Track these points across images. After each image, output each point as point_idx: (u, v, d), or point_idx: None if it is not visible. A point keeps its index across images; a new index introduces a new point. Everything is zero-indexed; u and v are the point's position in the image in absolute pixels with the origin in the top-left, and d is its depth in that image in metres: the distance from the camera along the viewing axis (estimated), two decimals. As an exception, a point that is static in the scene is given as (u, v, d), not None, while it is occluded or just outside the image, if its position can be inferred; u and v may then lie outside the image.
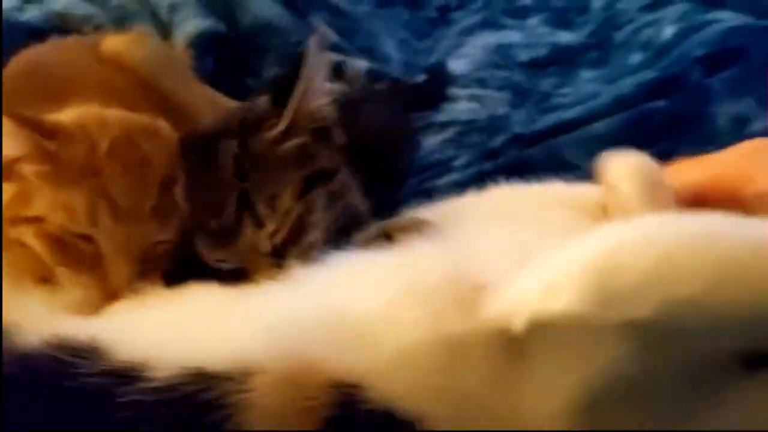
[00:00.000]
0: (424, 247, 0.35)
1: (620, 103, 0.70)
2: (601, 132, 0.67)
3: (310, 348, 0.29)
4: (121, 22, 0.87)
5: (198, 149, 0.37)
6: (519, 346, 0.29)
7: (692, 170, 0.40)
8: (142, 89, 0.64)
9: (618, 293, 0.27)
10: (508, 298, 0.29)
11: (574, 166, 0.65)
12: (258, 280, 0.37)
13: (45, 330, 0.32)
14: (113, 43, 0.66)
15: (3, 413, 0.28)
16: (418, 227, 0.38)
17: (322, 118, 0.40)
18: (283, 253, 0.37)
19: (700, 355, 0.29)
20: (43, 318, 0.34)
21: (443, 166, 0.72)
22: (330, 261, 0.36)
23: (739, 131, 0.65)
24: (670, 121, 0.67)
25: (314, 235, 0.38)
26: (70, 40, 0.71)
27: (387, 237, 0.39)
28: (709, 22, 0.84)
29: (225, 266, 0.38)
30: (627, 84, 0.75)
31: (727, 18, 0.86)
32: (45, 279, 0.40)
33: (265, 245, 0.36)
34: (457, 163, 0.72)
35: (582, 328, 0.28)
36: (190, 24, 0.84)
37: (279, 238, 0.35)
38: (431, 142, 0.77)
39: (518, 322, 0.28)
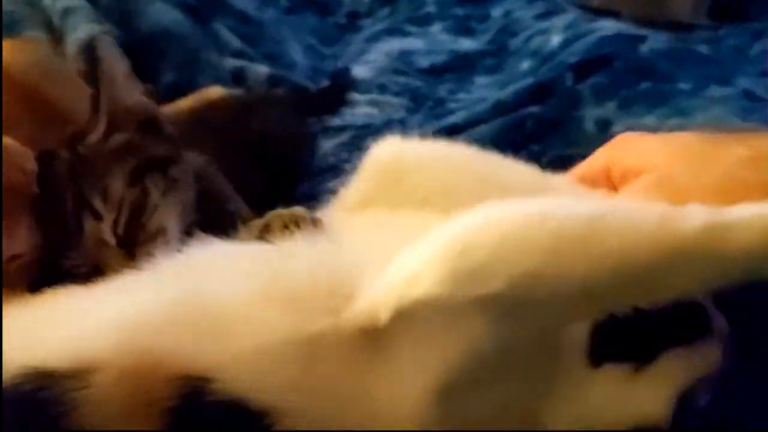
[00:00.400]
0: (298, 245, 0.36)
1: (499, 109, 0.75)
2: (481, 135, 0.71)
3: (157, 342, 0.29)
4: (10, 28, 0.85)
5: (42, 165, 0.38)
6: (381, 338, 0.30)
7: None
8: (27, 98, 0.63)
9: (470, 272, 0.29)
10: (372, 294, 0.31)
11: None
12: (114, 274, 0.37)
13: None
14: (-7, 50, 0.64)
15: None
16: (299, 222, 0.40)
17: (145, 111, 0.42)
18: (132, 242, 0.38)
19: (552, 331, 0.31)
20: None
21: (336, 170, 0.74)
22: (193, 252, 0.36)
23: (603, 134, 0.70)
24: (543, 124, 0.71)
25: (159, 220, 0.38)
26: None
27: (266, 230, 0.41)
28: (592, 31, 0.91)
29: (82, 268, 0.38)
30: (508, 90, 0.80)
31: (608, 27, 0.92)
32: None
33: (109, 235, 0.36)
34: (349, 166, 0.74)
35: (439, 311, 0.30)
36: (82, 29, 0.83)
37: (121, 227, 0.36)
38: (327, 146, 0.79)
39: (383, 314, 0.30)
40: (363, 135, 0.81)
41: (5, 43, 0.68)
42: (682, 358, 0.33)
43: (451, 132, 0.74)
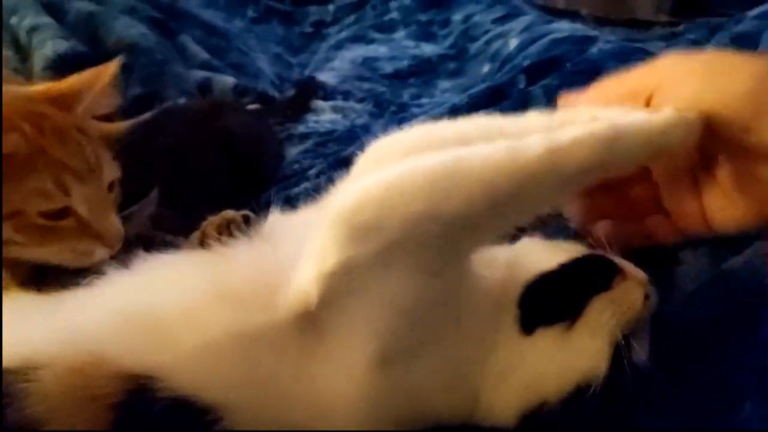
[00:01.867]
0: (236, 249, 0.38)
1: (455, 113, 0.77)
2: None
3: (101, 344, 0.31)
4: (-23, 46, 0.86)
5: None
6: (314, 321, 0.32)
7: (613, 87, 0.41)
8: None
9: (363, 228, 0.31)
10: (297, 280, 0.33)
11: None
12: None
13: None
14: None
15: None
16: (231, 225, 0.44)
17: None
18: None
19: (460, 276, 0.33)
20: None
21: (300, 176, 0.77)
22: (141, 263, 0.38)
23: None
24: (496, 126, 0.74)
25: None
26: None
27: (204, 237, 0.44)
28: (546, 33, 0.94)
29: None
30: (464, 95, 0.82)
31: (562, 29, 0.95)
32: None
33: None
34: (312, 171, 0.77)
35: (353, 276, 0.32)
36: (48, 46, 0.84)
37: None
38: (292, 153, 0.82)
39: (310, 297, 0.32)
40: (326, 141, 0.84)
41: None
42: (606, 303, 0.36)
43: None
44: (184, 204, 0.63)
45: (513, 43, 0.96)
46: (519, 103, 0.77)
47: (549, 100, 0.77)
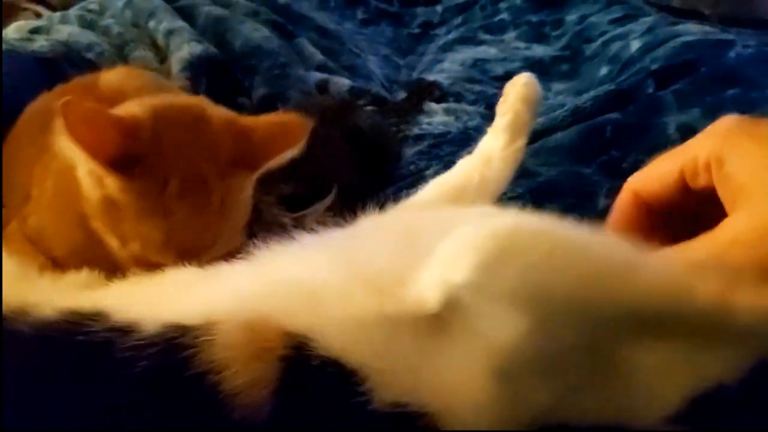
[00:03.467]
0: (369, 237, 0.41)
1: (577, 115, 0.75)
2: (558, 142, 0.73)
3: (265, 306, 0.35)
4: (121, 49, 0.94)
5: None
6: (438, 323, 0.33)
7: None
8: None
9: (517, 264, 0.31)
10: (422, 282, 0.34)
11: (534, 174, 0.71)
12: None
13: (58, 305, 0.38)
14: (108, 78, 0.71)
15: (28, 374, 0.35)
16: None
17: None
18: None
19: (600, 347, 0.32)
20: (56, 297, 0.40)
21: (416, 176, 0.78)
22: (290, 245, 0.42)
23: (686, 139, 0.69)
24: (623, 130, 0.72)
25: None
26: (71, 84, 0.75)
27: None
28: (673, 36, 0.90)
29: None
30: (586, 97, 0.80)
31: (691, 31, 0.91)
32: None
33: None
34: (428, 173, 0.77)
35: (480, 297, 0.32)
36: (185, 49, 0.90)
37: None
38: (408, 153, 0.83)
39: (432, 301, 0.33)
40: (440, 143, 0.85)
41: (116, 70, 0.76)
42: None
43: (529, 138, 0.76)
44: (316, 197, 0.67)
45: (635, 45, 0.93)
46: (647, 108, 0.74)
47: (680, 106, 0.73)
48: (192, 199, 0.44)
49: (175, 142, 0.45)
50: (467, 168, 0.58)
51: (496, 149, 0.56)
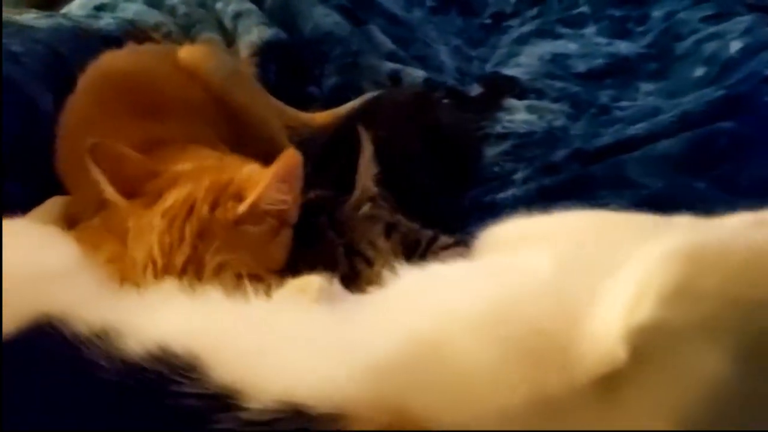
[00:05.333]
0: (513, 287, 0.34)
1: (685, 122, 0.69)
2: (665, 151, 0.67)
3: (405, 396, 0.29)
4: (187, 29, 0.91)
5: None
6: (613, 384, 0.29)
7: None
8: (216, 101, 0.67)
9: (692, 293, 0.28)
10: (597, 337, 0.29)
11: (638, 185, 0.65)
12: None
13: (146, 336, 0.33)
14: (187, 53, 0.68)
15: (110, 420, 0.30)
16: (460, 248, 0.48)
17: (372, 190, 0.53)
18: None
19: None
20: (142, 322, 0.35)
21: (502, 180, 0.73)
22: (408, 278, 0.37)
23: (810, 154, 0.63)
24: (738, 141, 0.65)
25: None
26: (148, 49, 0.74)
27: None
28: (780, 37, 0.83)
29: None
30: (691, 101, 0.74)
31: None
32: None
33: (379, 277, 0.41)
34: (517, 176, 0.72)
35: (667, 338, 0.28)
36: (254, 33, 0.86)
37: (386, 270, 0.40)
38: (489, 153, 0.78)
39: (619, 353, 0.28)
40: (525, 144, 0.79)
41: (195, 47, 0.72)
42: None
43: (629, 145, 0.70)
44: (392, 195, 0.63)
45: (735, 45, 0.86)
46: (764, 118, 0.68)
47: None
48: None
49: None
50: None
51: None
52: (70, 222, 0.60)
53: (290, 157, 0.46)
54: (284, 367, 0.31)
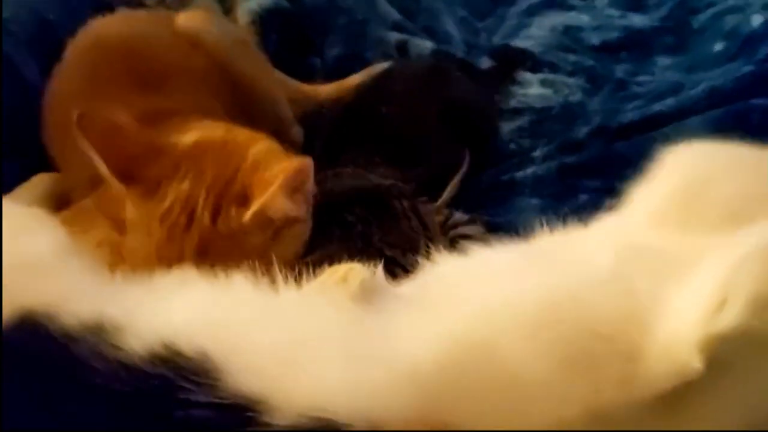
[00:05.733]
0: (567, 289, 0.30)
1: (714, 98, 0.66)
2: (696, 128, 0.64)
3: (447, 407, 0.26)
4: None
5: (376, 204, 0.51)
6: (674, 399, 0.27)
7: None
8: (218, 69, 0.62)
9: None
10: (667, 348, 0.27)
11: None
12: None
13: (151, 331, 0.29)
14: (187, 19, 0.63)
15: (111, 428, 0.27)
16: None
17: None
18: None
19: None
20: (147, 315, 0.31)
21: (521, 157, 0.69)
22: (446, 271, 0.34)
23: None
24: (770, 119, 0.63)
25: None
26: (144, 15, 0.68)
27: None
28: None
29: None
30: (718, 76, 0.71)
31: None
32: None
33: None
34: (536, 154, 0.69)
35: (749, 346, 0.26)
36: (253, 0, 0.81)
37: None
38: (505, 129, 0.74)
39: (693, 367, 0.26)
40: (542, 119, 0.76)
41: (193, 13, 0.67)
42: None
43: (656, 121, 0.67)
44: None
45: (756, 20, 0.82)
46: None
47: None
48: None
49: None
50: None
51: None
52: (61, 201, 0.56)
53: (300, 165, 0.42)
54: (314, 374, 0.27)
